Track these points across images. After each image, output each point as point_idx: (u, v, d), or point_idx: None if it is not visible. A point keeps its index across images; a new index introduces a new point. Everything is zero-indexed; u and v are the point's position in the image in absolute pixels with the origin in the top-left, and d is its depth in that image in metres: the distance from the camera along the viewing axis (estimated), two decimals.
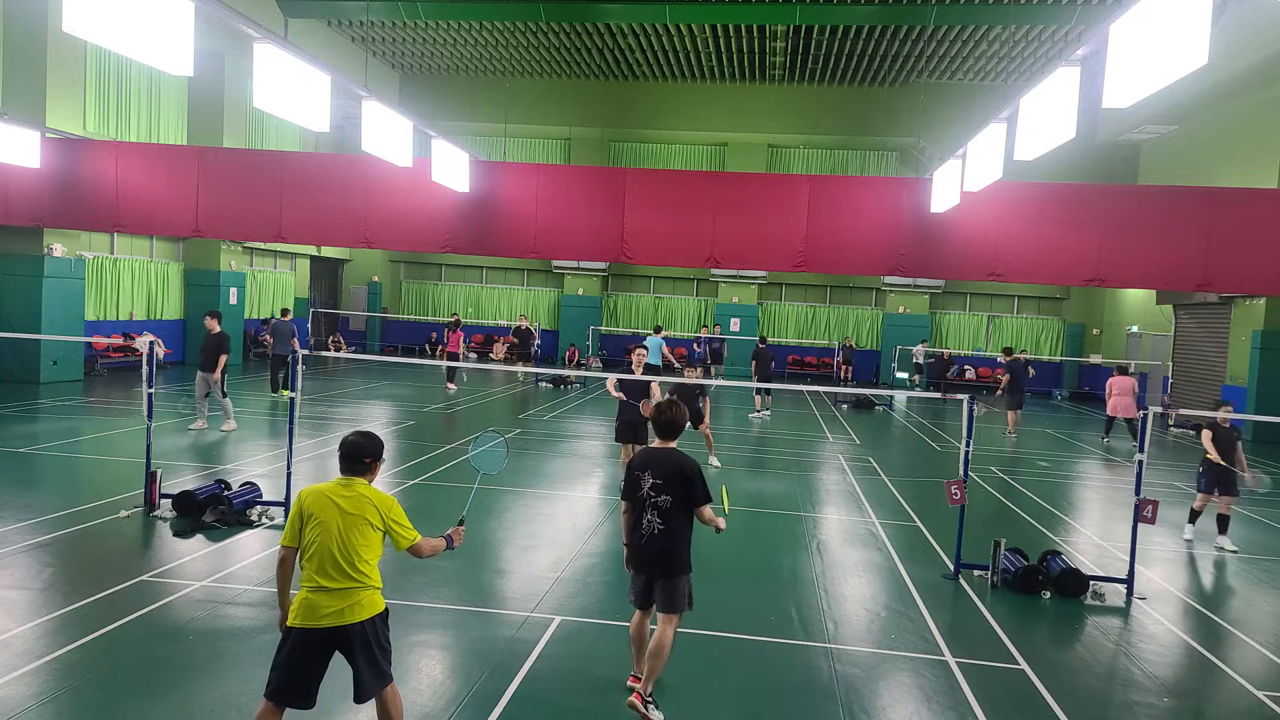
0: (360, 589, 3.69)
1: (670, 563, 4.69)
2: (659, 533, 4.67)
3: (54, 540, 7.11)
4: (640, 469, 4.77)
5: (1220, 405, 9.30)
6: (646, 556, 4.72)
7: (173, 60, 7.19)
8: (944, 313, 29.31)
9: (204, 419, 12.65)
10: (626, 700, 4.65)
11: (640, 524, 4.72)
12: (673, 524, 4.66)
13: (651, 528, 4.68)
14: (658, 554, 4.68)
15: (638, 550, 4.76)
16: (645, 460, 4.82)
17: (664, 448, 4.85)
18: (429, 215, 15.16)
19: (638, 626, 4.92)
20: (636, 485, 4.75)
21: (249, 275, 23.48)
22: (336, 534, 3.67)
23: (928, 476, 12.27)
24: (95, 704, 4.52)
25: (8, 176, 15.08)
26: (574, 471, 11.33)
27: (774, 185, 15.53)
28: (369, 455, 3.87)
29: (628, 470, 4.86)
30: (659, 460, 4.76)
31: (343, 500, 3.73)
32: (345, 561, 3.67)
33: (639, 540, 4.73)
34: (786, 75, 26.30)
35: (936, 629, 6.23)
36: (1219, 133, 19.86)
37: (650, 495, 4.68)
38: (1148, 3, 6.00)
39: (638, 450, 4.88)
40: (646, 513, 4.69)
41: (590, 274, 29.91)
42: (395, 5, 18.83)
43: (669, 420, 4.86)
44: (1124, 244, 13.75)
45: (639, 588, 4.83)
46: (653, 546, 4.68)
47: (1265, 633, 6.67)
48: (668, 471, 4.68)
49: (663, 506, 4.66)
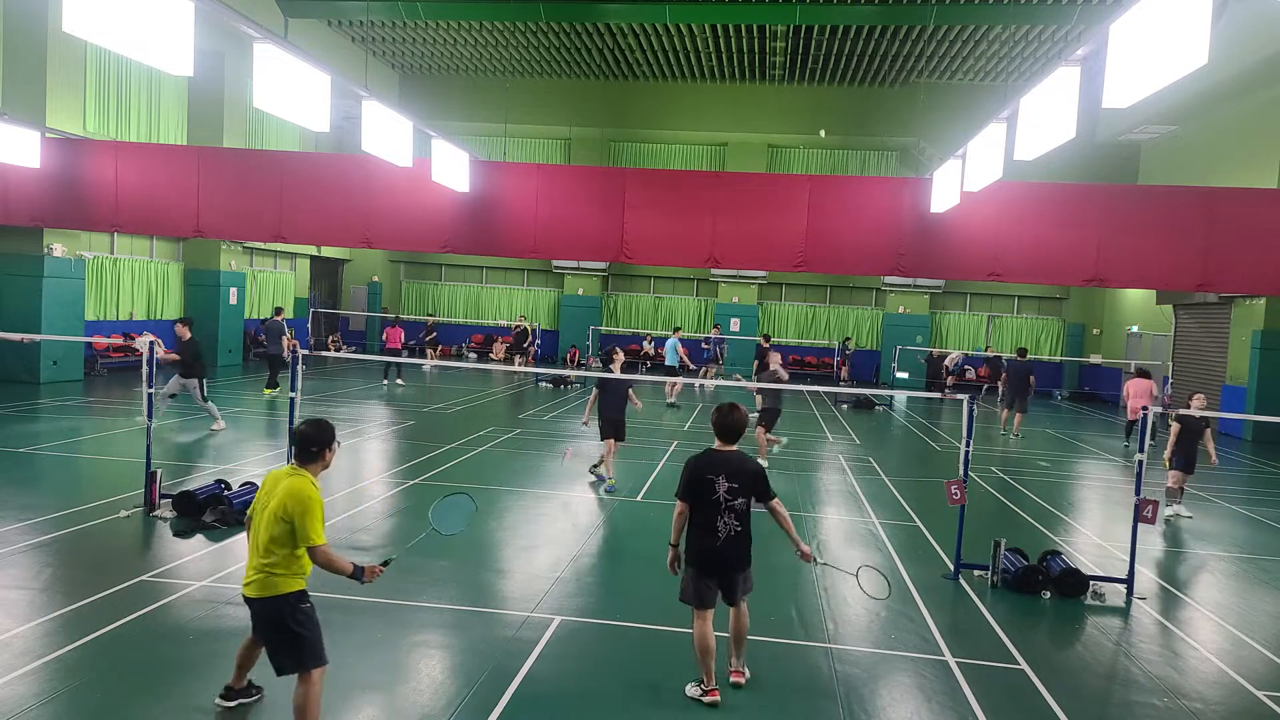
0: (270, 568, 3.94)
1: (748, 557, 4.92)
2: (736, 534, 4.82)
3: (54, 540, 7.11)
4: (710, 472, 4.83)
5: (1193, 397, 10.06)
6: (726, 558, 4.83)
7: (173, 60, 7.19)
8: (944, 313, 29.31)
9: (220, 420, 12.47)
10: (731, 684, 4.99)
11: (715, 527, 4.79)
12: (747, 524, 4.87)
13: (729, 529, 4.80)
14: (739, 553, 4.85)
15: (713, 554, 4.81)
16: (713, 464, 4.87)
17: (730, 450, 4.94)
18: (429, 215, 15.16)
19: (705, 633, 4.82)
20: (710, 489, 4.80)
21: (249, 275, 23.48)
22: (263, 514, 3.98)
23: (928, 476, 12.27)
24: (95, 704, 4.52)
25: (8, 176, 15.08)
26: (574, 471, 11.32)
27: (774, 185, 15.51)
28: (316, 444, 4.04)
29: (692, 473, 4.87)
30: (733, 464, 4.86)
31: (278, 486, 3.99)
32: (259, 541, 3.96)
33: (714, 543, 4.80)
34: (786, 75, 26.30)
35: (936, 629, 6.23)
36: (1219, 133, 19.86)
37: (727, 499, 4.78)
38: (1148, 3, 6.00)
39: (698, 455, 4.95)
40: (723, 515, 4.79)
41: (590, 274, 29.91)
42: (395, 5, 18.82)
43: (734, 424, 4.95)
44: (1124, 244, 13.75)
45: (709, 589, 4.84)
46: (732, 548, 4.82)
47: (1265, 633, 6.67)
48: (744, 475, 4.84)
49: (740, 509, 4.81)
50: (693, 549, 4.86)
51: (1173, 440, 10.07)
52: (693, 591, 4.85)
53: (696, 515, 4.83)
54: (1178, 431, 10.05)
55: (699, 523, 4.82)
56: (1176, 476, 10.19)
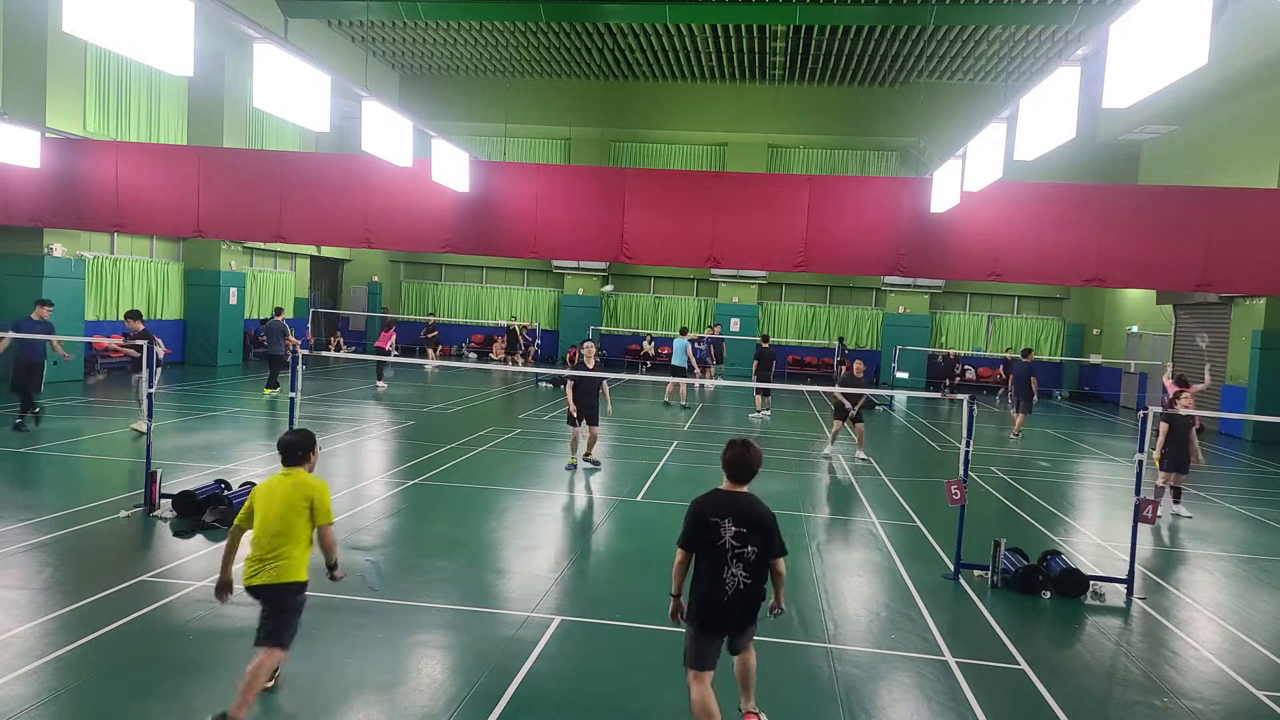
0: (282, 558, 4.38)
1: (755, 611, 4.26)
2: (745, 588, 4.15)
3: (54, 540, 7.11)
4: (716, 515, 4.17)
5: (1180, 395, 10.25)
6: (732, 613, 4.19)
7: (173, 60, 7.20)
8: (944, 313, 29.31)
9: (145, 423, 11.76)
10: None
11: (722, 578, 4.14)
12: (758, 577, 4.20)
13: (738, 582, 4.14)
14: (746, 609, 4.21)
15: (718, 608, 4.16)
16: (719, 506, 4.21)
17: (740, 492, 4.26)
18: (429, 215, 15.17)
19: (705, 699, 4.14)
20: (714, 533, 4.15)
21: (249, 275, 23.47)
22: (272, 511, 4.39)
23: (928, 476, 12.27)
24: (95, 704, 4.52)
25: (8, 176, 15.08)
26: (574, 471, 11.32)
27: (774, 185, 15.53)
28: (302, 449, 4.60)
29: (696, 515, 4.23)
30: (741, 508, 4.20)
31: (283, 485, 4.46)
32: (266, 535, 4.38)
33: (721, 598, 4.14)
34: (786, 75, 26.30)
35: (936, 629, 6.22)
36: (1219, 133, 19.86)
37: (734, 545, 4.14)
38: (1148, 3, 6.00)
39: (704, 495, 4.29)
40: (730, 565, 4.14)
41: (590, 274, 29.91)
42: (395, 5, 18.83)
43: (749, 462, 4.25)
44: (1124, 244, 13.76)
45: (713, 648, 4.21)
46: (739, 602, 4.16)
47: (1265, 633, 6.67)
48: (752, 521, 4.17)
49: (749, 559, 4.14)
50: (696, 603, 4.21)
51: (1161, 440, 10.01)
52: (693, 652, 4.20)
53: (700, 563, 4.21)
54: (1166, 431, 10.00)
55: (703, 572, 4.19)
56: (1166, 477, 10.22)
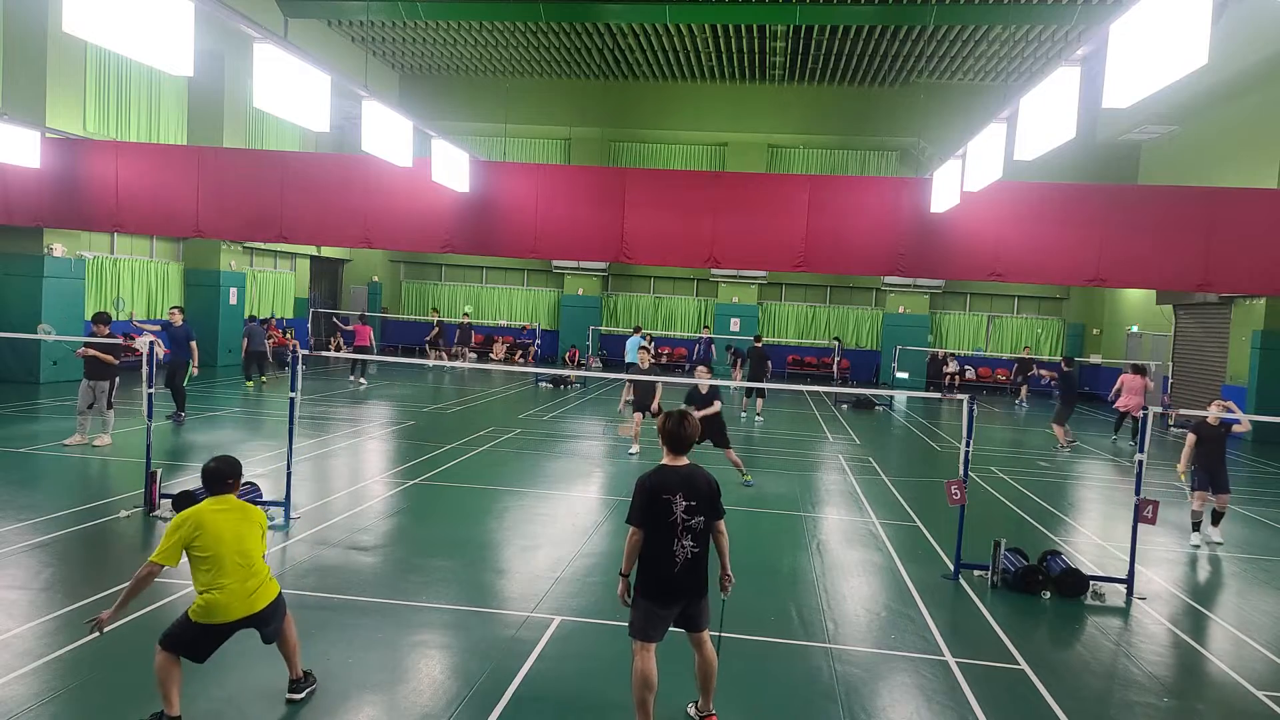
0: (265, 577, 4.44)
1: (704, 580, 4.41)
2: (694, 557, 4.32)
3: (54, 540, 7.11)
4: (666, 491, 4.29)
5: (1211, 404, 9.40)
6: (682, 584, 4.32)
7: (173, 60, 7.19)
8: (944, 313, 29.31)
9: (82, 434, 11.08)
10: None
11: (672, 552, 4.28)
12: (704, 545, 4.37)
13: (686, 553, 4.29)
14: (696, 578, 4.36)
15: (670, 581, 4.30)
16: (668, 481, 4.32)
17: (685, 465, 4.41)
18: (429, 215, 15.16)
19: (649, 669, 4.27)
20: (666, 510, 4.27)
21: (249, 275, 23.47)
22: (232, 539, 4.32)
23: (928, 476, 12.27)
24: (96, 704, 4.53)
25: (8, 176, 15.08)
26: (574, 472, 11.33)
27: (774, 185, 15.53)
28: (230, 476, 4.52)
29: (649, 494, 4.30)
30: (690, 481, 4.34)
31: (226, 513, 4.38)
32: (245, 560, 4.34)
33: (671, 571, 4.29)
34: (786, 75, 26.30)
35: (936, 629, 6.23)
36: (1219, 133, 19.86)
37: (684, 519, 4.29)
38: (1148, 3, 6.00)
39: (652, 473, 4.39)
40: (680, 539, 4.28)
41: (590, 274, 29.91)
42: (395, 5, 18.83)
43: (688, 435, 4.39)
44: (1124, 244, 13.75)
45: (663, 620, 4.35)
46: (690, 573, 4.33)
47: (1265, 633, 6.67)
48: (701, 492, 4.33)
49: (696, 529, 4.31)
50: (647, 579, 4.32)
51: (1187, 452, 9.16)
52: (641, 625, 4.31)
53: (651, 539, 4.30)
54: (1193, 443, 9.13)
55: (653, 549, 4.29)
56: (1199, 497, 9.17)
